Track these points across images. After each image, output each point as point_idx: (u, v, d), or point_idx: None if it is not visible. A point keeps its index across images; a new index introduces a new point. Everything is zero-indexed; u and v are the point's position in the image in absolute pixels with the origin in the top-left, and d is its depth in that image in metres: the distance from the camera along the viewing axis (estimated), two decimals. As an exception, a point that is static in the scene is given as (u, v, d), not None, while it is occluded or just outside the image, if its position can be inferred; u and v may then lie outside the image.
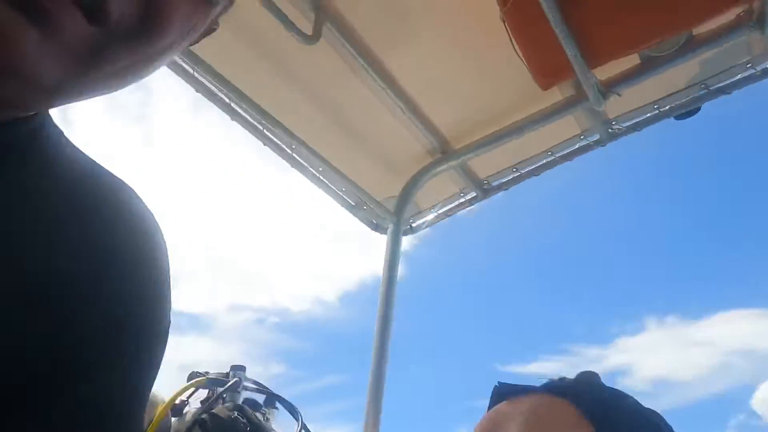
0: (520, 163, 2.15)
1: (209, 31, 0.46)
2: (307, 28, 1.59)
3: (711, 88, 1.87)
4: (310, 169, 2.07)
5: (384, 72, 1.82)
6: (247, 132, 1.85)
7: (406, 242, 2.35)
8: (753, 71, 1.82)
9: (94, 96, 0.39)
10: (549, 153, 2.10)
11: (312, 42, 1.59)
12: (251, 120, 1.84)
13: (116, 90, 0.40)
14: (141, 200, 0.48)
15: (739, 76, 1.84)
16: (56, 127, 0.44)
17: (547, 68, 1.61)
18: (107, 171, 0.47)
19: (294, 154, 1.99)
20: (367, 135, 2.06)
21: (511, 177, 2.20)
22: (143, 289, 0.44)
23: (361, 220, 2.36)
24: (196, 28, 0.42)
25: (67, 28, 0.32)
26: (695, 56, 1.72)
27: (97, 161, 0.47)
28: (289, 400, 1.34)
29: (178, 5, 0.37)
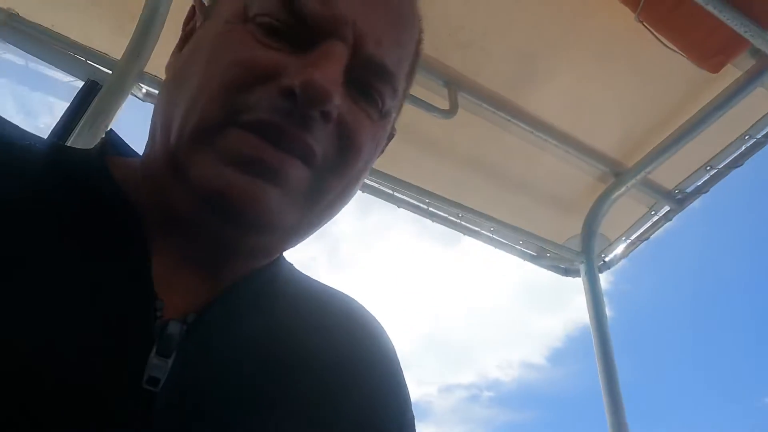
0: (714, 158, 1.87)
1: (390, 137, 0.52)
2: (443, 104, 1.67)
3: None
4: (482, 231, 2.07)
5: (530, 117, 1.79)
6: (414, 214, 1.95)
7: (603, 281, 2.15)
8: None
9: (317, 229, 0.46)
10: (747, 136, 1.81)
11: (451, 115, 1.65)
12: (415, 202, 1.93)
13: (331, 219, 0.46)
14: (363, 307, 0.54)
15: None
16: (288, 262, 0.52)
17: (711, 49, 1.43)
18: (330, 288, 0.54)
19: (462, 222, 2.02)
20: (530, 182, 2.01)
21: (707, 177, 1.93)
22: (384, 389, 0.48)
23: (547, 268, 2.24)
24: (382, 142, 0.47)
25: (292, 176, 0.38)
26: None
27: (320, 281, 0.54)
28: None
29: (364, 129, 0.42)
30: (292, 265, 0.52)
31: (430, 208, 1.93)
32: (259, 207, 0.37)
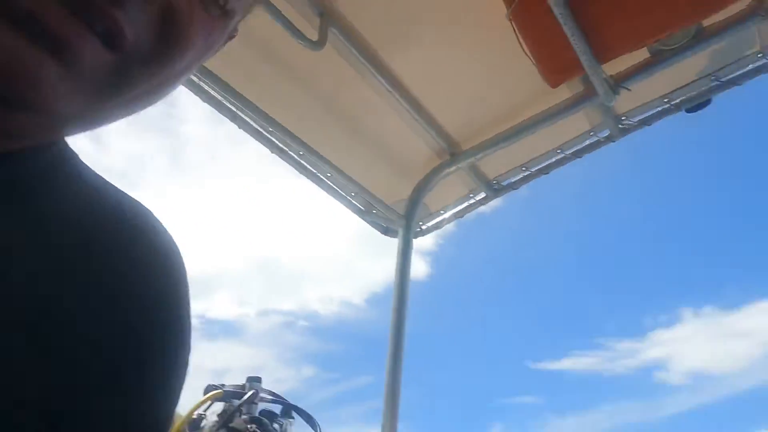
0: (529, 161, 2.13)
1: (229, 39, 0.45)
2: (313, 34, 1.58)
3: (722, 80, 1.84)
4: (319, 174, 2.06)
5: (391, 75, 1.80)
6: (254, 139, 1.85)
7: (431, 242, 2.34)
8: (764, 61, 1.79)
9: (116, 120, 0.38)
10: (559, 150, 2.09)
11: (318, 48, 1.58)
12: (257, 127, 1.83)
13: (137, 112, 0.39)
14: (155, 218, 0.47)
15: (749, 67, 1.81)
16: (73, 152, 0.43)
17: (555, 65, 1.59)
18: (122, 193, 0.46)
19: (302, 161, 1.98)
20: (376, 139, 2.05)
21: (521, 176, 2.19)
22: (158, 309, 0.43)
23: (371, 224, 2.35)
24: (216, 44, 0.40)
25: (85, 56, 0.31)
26: (705, 48, 1.70)
27: (111, 183, 0.46)
28: (306, 410, 1.32)
29: (199, 21, 0.35)
30: (77, 155, 0.44)
31: (272, 138, 1.85)
32: (27, 79, 0.30)
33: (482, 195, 2.24)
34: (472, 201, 2.28)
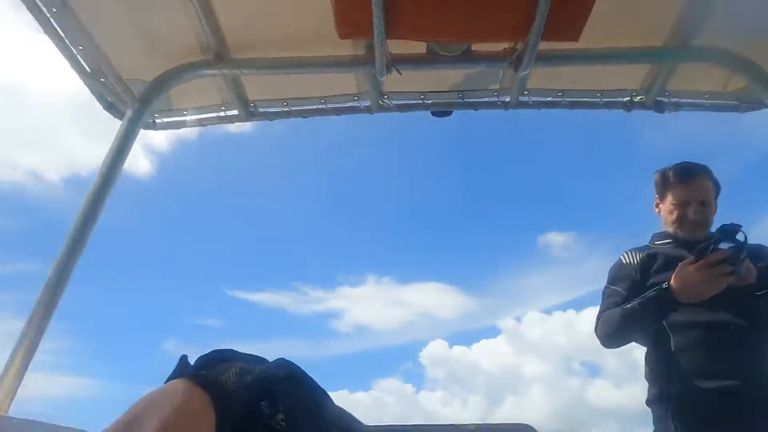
0: (292, 99, 2.10)
1: None
2: None
3: (464, 100, 2.17)
4: (40, 4, 1.58)
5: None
6: None
7: (164, 141, 2.07)
8: (496, 100, 2.18)
9: None
10: (321, 101, 2.12)
11: None
12: None
13: None
14: None
15: (486, 99, 2.18)
16: None
17: (351, 18, 1.58)
18: None
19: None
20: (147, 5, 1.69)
21: (279, 110, 2.14)
22: None
23: (94, 93, 1.95)
24: None
25: None
26: (464, 68, 1.96)
27: None
28: None
29: None
30: None
31: None
32: None
33: (234, 112, 2.11)
34: (222, 114, 2.12)
